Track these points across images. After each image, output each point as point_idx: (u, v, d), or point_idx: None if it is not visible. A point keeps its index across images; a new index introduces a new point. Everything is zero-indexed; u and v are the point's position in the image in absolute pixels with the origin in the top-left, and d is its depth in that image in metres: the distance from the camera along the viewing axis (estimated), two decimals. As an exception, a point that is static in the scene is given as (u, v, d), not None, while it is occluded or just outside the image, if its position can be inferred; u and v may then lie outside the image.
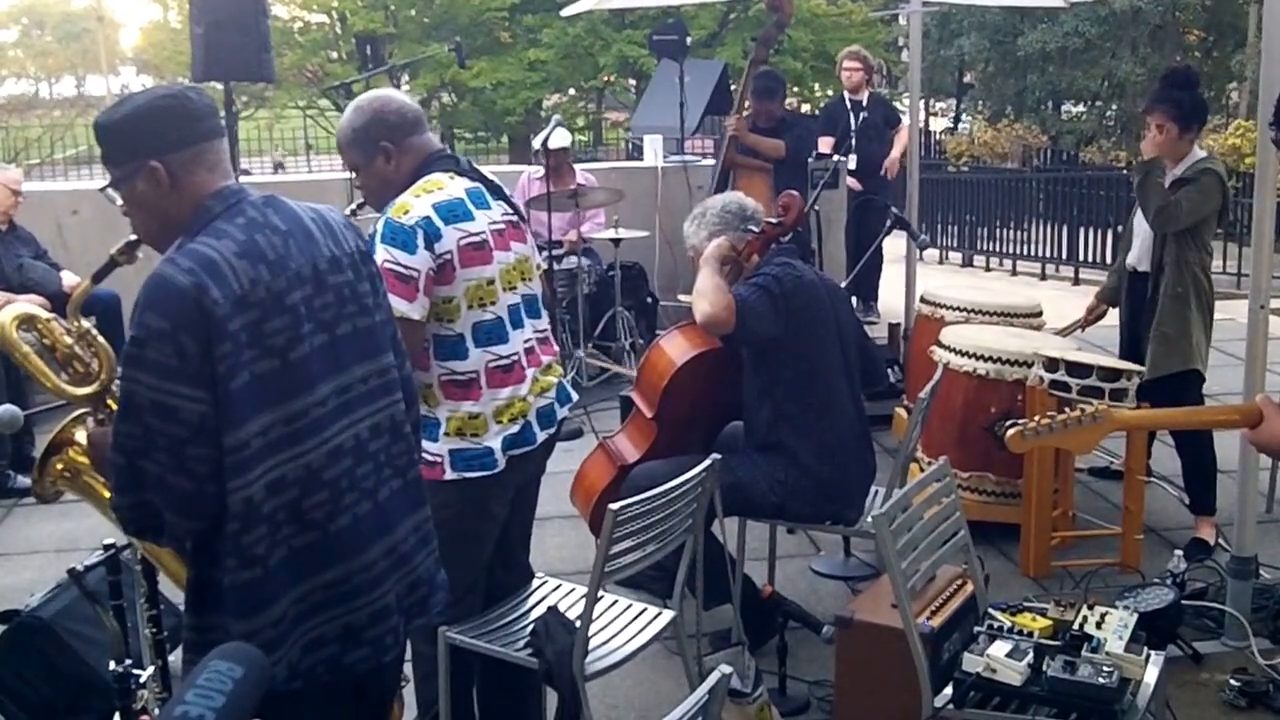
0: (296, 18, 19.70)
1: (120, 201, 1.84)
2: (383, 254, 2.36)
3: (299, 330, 1.76)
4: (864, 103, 7.31)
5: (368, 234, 2.40)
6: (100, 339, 2.13)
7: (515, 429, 2.53)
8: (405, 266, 2.36)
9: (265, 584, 1.73)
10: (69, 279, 5.49)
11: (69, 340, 2.12)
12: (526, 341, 2.59)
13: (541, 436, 2.60)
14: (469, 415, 2.49)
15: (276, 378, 1.73)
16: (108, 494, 1.95)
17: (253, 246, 1.74)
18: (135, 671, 2.41)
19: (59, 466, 2.25)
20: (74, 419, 2.22)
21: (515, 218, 2.63)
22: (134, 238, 1.93)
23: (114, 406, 2.06)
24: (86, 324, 2.13)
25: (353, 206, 2.75)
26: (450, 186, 2.49)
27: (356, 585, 1.84)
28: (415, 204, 2.42)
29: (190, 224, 1.77)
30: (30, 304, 2.27)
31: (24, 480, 4.64)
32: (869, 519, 2.77)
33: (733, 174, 6.00)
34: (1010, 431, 2.20)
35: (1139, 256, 4.17)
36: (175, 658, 2.56)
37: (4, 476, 4.75)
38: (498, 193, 2.61)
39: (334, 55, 19.85)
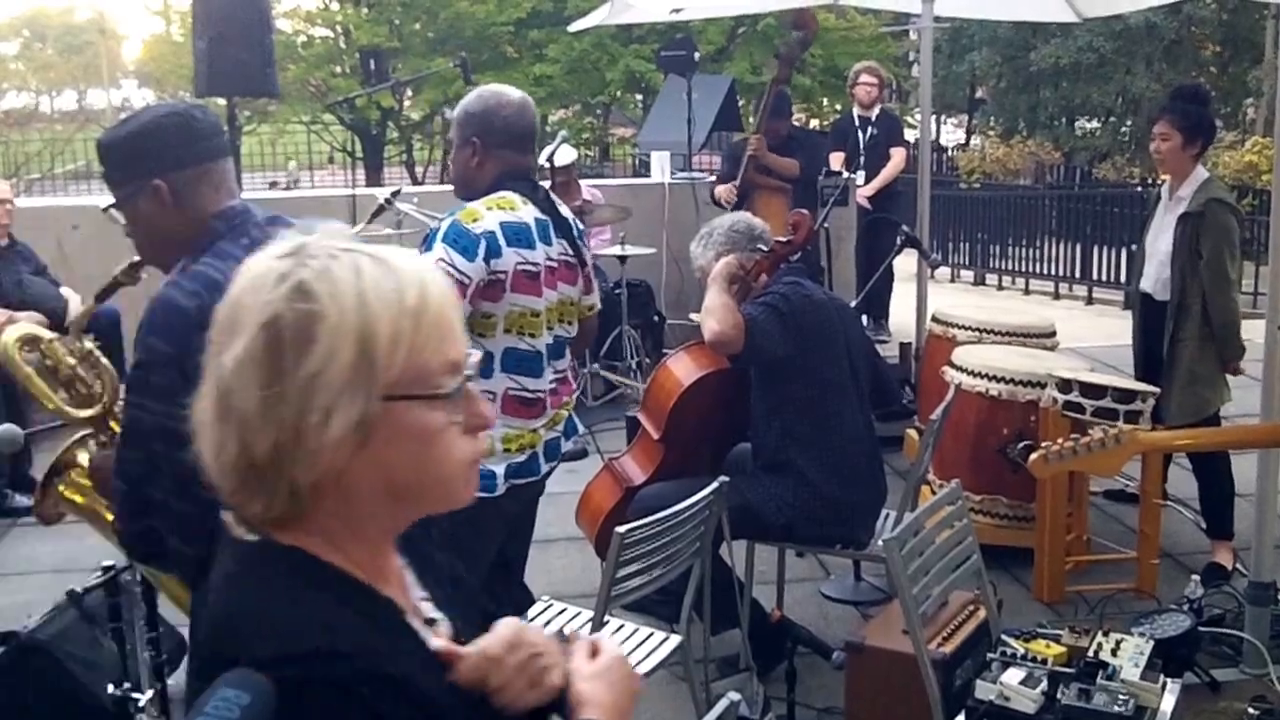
0: (300, 31, 19.70)
1: (123, 221, 1.82)
2: (440, 252, 2.39)
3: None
4: (873, 119, 7.29)
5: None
6: (104, 360, 2.11)
7: (522, 458, 2.52)
8: (459, 271, 2.38)
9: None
10: (69, 295, 5.47)
11: (72, 361, 2.10)
12: (552, 381, 2.59)
13: (545, 468, 2.60)
14: None
15: (279, 400, 1.70)
16: (111, 517, 1.92)
17: (256, 268, 1.71)
18: (134, 695, 2.38)
19: (62, 489, 2.23)
20: (77, 441, 2.20)
21: (573, 259, 2.62)
22: (137, 258, 1.91)
23: (116, 429, 2.04)
24: (89, 345, 2.11)
25: (388, 195, 2.79)
26: (522, 211, 2.51)
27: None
28: (486, 215, 2.45)
29: (194, 243, 1.74)
30: (33, 324, 2.25)
31: (23, 499, 4.59)
32: (880, 542, 2.73)
33: (751, 194, 5.92)
34: (1033, 457, 2.17)
35: (1154, 283, 4.10)
36: (174, 681, 2.53)
37: (3, 496, 4.70)
38: (564, 230, 2.61)
39: (338, 69, 19.86)
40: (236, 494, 0.97)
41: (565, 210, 2.65)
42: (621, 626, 2.73)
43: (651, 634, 2.71)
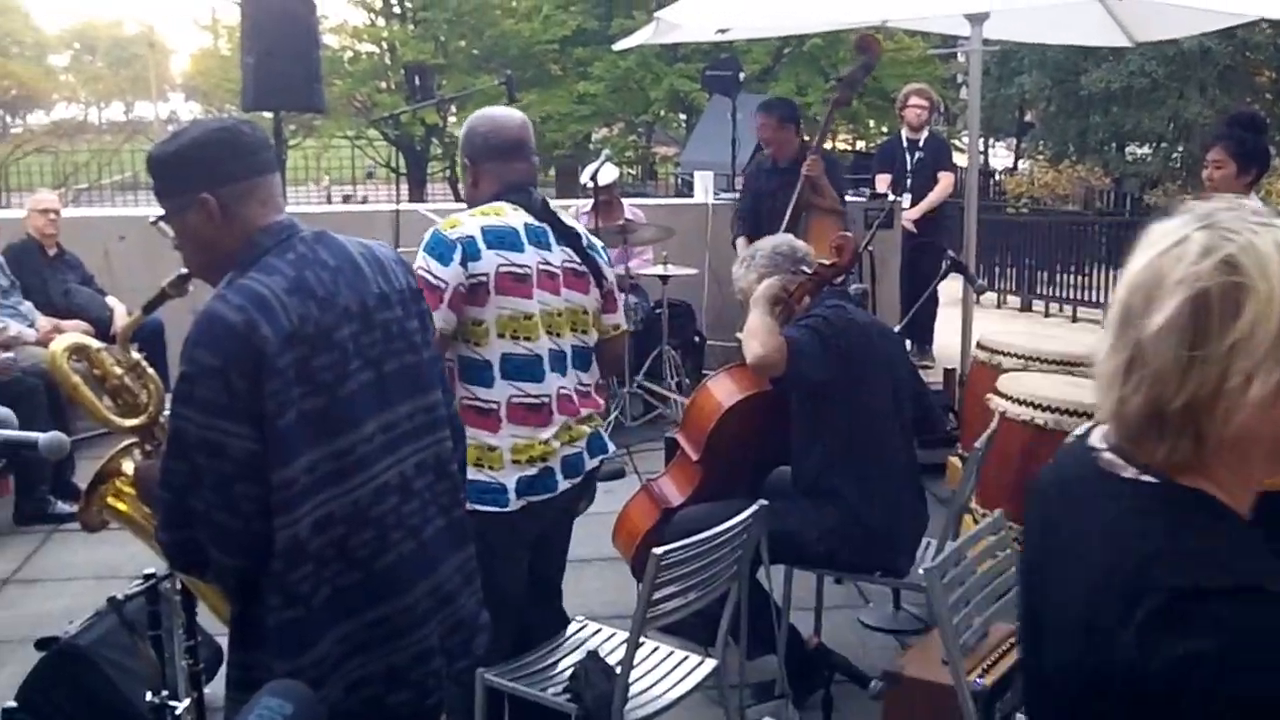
0: (346, 47, 19.89)
1: (171, 234, 1.84)
2: (420, 261, 2.44)
3: (346, 367, 1.75)
4: (921, 142, 7.23)
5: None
6: (150, 371, 2.13)
7: (533, 471, 2.50)
8: (435, 276, 2.42)
9: (308, 623, 1.72)
10: (114, 305, 5.56)
11: (119, 371, 2.12)
12: (564, 389, 2.57)
13: (564, 485, 2.56)
14: (487, 447, 2.48)
15: (324, 415, 1.71)
16: (153, 526, 1.94)
17: (303, 283, 1.73)
18: (171, 703, 2.39)
19: (106, 496, 2.25)
20: (122, 449, 2.22)
21: (580, 267, 2.61)
22: (185, 271, 1.93)
23: (161, 439, 2.06)
24: (137, 356, 2.13)
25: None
26: (509, 217, 2.54)
27: (399, 626, 1.81)
28: (466, 222, 2.50)
29: (240, 258, 1.76)
30: (80, 334, 2.28)
31: (64, 506, 4.65)
32: (920, 571, 2.68)
33: (805, 216, 5.81)
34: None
35: None
36: (211, 690, 2.54)
37: (45, 502, 4.76)
38: (568, 239, 2.60)
39: (383, 85, 20.04)
40: (1139, 439, 1.08)
41: (570, 220, 2.67)
42: (657, 649, 2.70)
43: (687, 657, 2.68)
